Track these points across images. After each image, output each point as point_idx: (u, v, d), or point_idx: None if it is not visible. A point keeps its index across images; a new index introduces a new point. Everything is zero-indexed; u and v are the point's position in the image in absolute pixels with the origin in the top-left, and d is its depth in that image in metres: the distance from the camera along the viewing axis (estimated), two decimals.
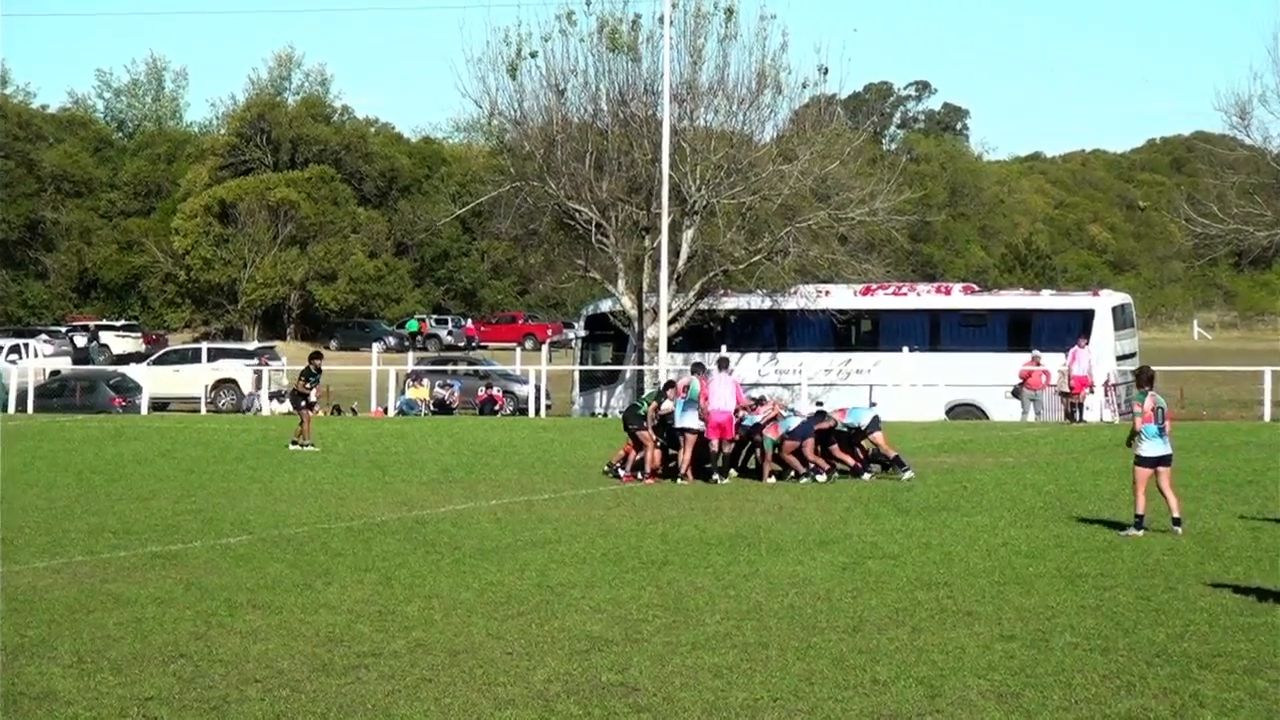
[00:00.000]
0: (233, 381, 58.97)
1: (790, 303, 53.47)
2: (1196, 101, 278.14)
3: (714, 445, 31.51)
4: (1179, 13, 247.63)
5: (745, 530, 24.62)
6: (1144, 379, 24.45)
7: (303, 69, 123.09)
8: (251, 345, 70.98)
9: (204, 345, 64.25)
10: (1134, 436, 23.90)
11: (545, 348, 64.79)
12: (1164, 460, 23.74)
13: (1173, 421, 25.15)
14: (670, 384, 33.94)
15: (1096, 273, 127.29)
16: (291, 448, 38.82)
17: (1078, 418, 47.07)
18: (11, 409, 53.69)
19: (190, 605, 18.42)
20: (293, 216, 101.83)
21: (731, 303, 54.89)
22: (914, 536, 23.62)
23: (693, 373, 32.66)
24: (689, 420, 31.35)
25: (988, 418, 48.36)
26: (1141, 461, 23.62)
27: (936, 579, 19.96)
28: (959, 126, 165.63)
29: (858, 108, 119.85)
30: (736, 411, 32.11)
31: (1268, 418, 47.88)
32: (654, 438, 32.18)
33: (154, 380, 57.38)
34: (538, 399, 55.30)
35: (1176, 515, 23.63)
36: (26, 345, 63.77)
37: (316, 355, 42.30)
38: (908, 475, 30.85)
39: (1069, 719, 13.30)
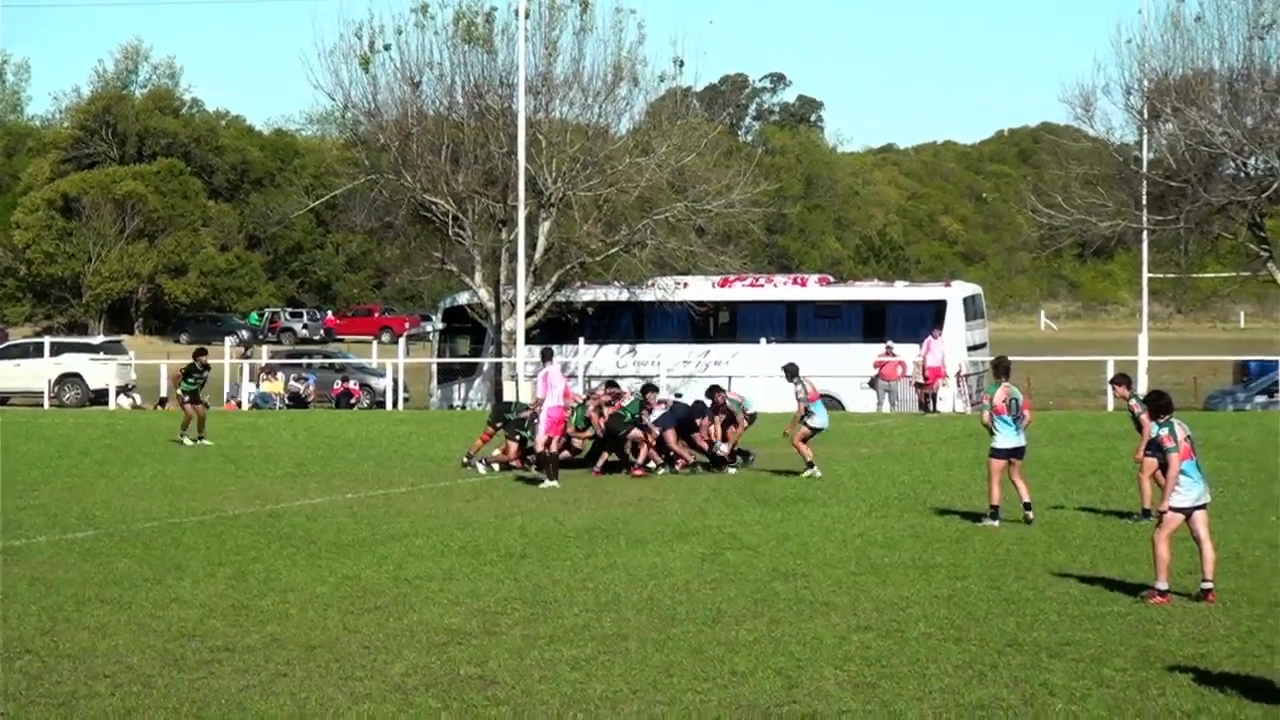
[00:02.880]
0: (77, 376, 58.15)
1: (648, 295, 53.64)
2: (1044, 93, 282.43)
3: (549, 445, 30.26)
4: (1028, 5, 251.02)
5: (604, 522, 24.66)
6: (1000, 370, 24.75)
7: (150, 61, 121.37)
8: (97, 339, 69.95)
9: (46, 339, 63.19)
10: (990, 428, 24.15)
11: (402, 341, 64.46)
12: (1017, 452, 24.05)
13: (1032, 412, 25.50)
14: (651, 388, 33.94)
15: (948, 264, 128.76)
16: (188, 443, 38.20)
17: (931, 408, 47.63)
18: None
19: (35, 601, 18.16)
20: (140, 210, 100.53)
21: (589, 295, 54.96)
22: (772, 528, 23.80)
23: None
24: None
25: (844, 408, 48.80)
26: (996, 453, 23.91)
27: (794, 570, 20.12)
28: (813, 118, 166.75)
29: (713, 100, 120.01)
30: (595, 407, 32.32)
31: (1110, 407, 48.71)
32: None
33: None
34: (395, 392, 55.04)
35: (1027, 500, 23.99)
36: None
37: (201, 352, 41.49)
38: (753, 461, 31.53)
39: (923, 709, 13.45)
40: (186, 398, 39.12)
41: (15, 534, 23.61)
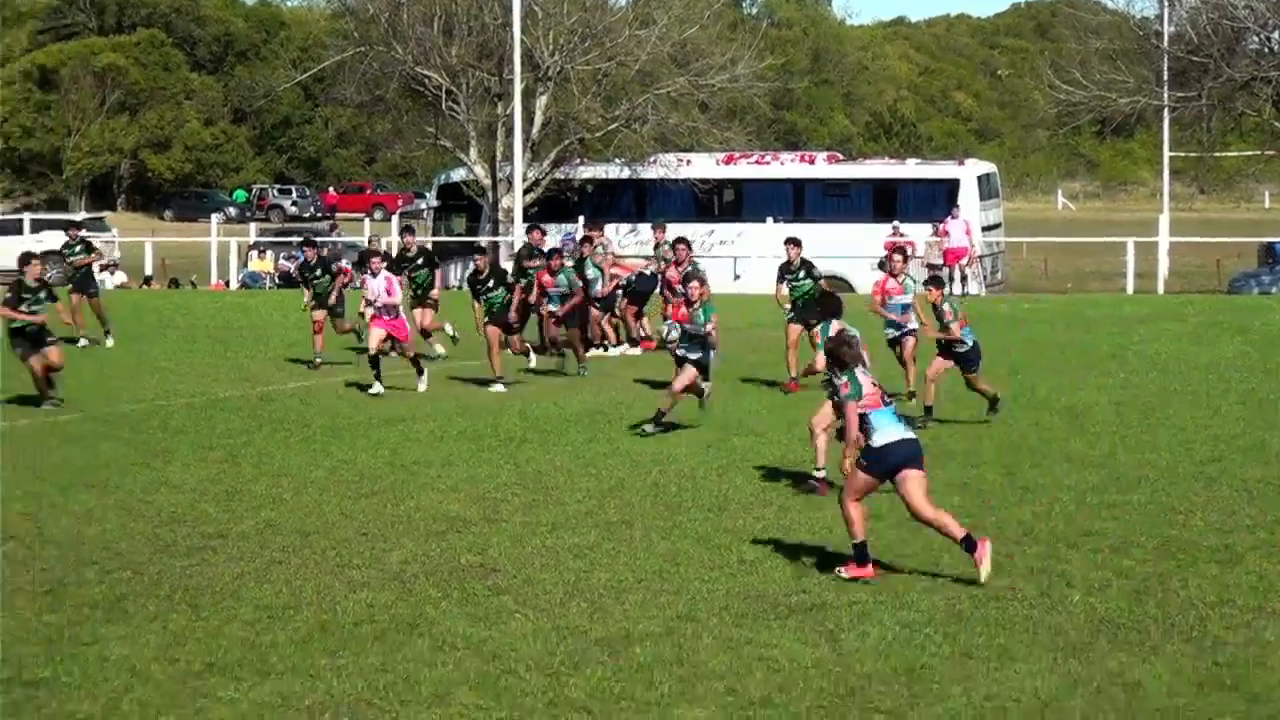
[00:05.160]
0: (58, 254, 57.97)
1: (650, 172, 53.34)
2: None
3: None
4: None
5: (605, 406, 24.65)
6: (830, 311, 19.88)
7: None
8: (79, 216, 69.73)
9: (26, 216, 62.93)
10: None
11: (395, 219, 64.22)
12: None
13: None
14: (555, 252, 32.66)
15: (962, 141, 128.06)
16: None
17: (965, 289, 47.46)
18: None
19: (19, 485, 18.21)
20: (121, 83, 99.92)
21: (589, 172, 54.69)
22: (778, 413, 23.76)
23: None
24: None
25: (853, 290, 48.68)
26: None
27: (802, 457, 20.09)
28: None
29: None
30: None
31: (1130, 290, 48.63)
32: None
33: None
34: None
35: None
36: None
37: (73, 225, 40.02)
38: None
39: (935, 600, 13.48)
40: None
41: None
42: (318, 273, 30.83)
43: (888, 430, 14.33)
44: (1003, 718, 10.72)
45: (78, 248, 35.19)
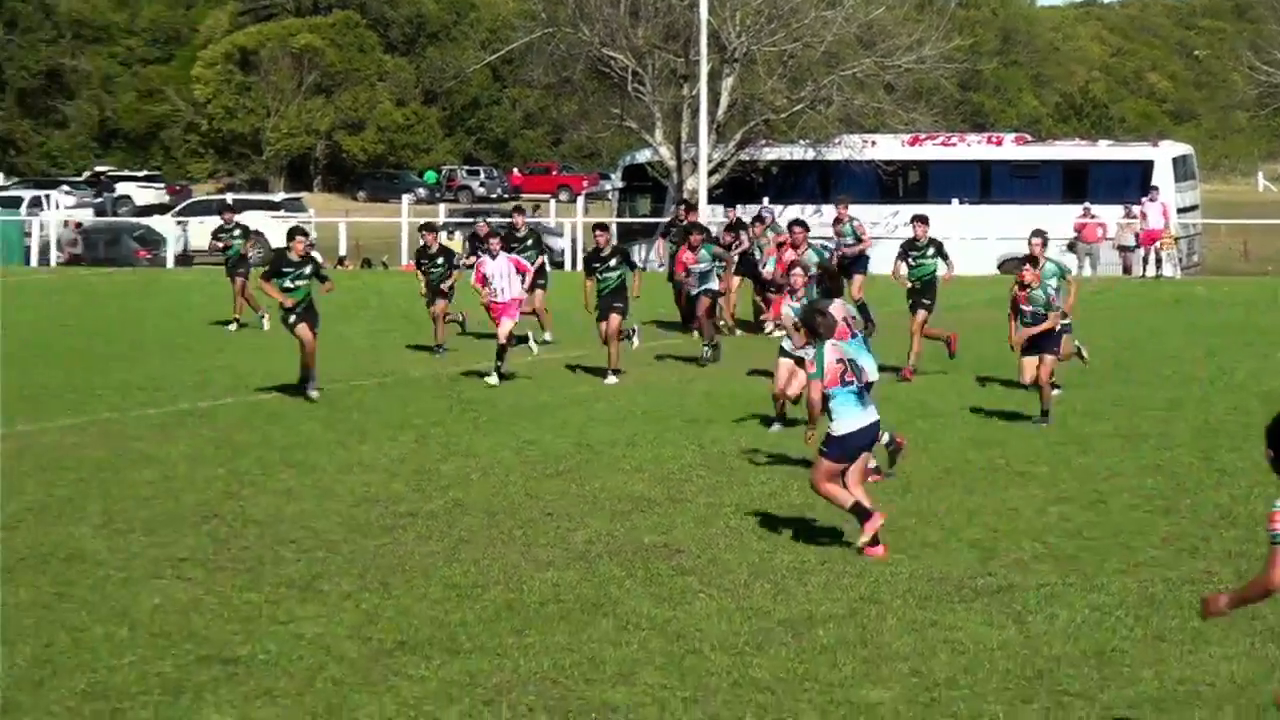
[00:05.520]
0: (259, 234, 58.94)
1: (835, 153, 53.11)
2: None
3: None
4: None
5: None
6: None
7: None
8: (278, 197, 70.89)
9: (229, 196, 64.10)
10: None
11: (581, 199, 64.52)
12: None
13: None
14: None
15: (1156, 122, 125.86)
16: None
17: (1154, 272, 46.76)
18: (34, 262, 53.79)
19: (222, 464, 18.54)
20: (317, 64, 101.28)
21: (773, 153, 54.55)
22: (964, 395, 23.53)
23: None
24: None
25: None
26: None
27: (988, 438, 19.91)
28: None
29: None
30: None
31: None
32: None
33: (179, 234, 57.43)
34: (573, 252, 55.12)
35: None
36: (48, 197, 63.68)
37: (227, 208, 39.47)
38: None
39: (1127, 582, 13.27)
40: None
41: (204, 395, 24.10)
42: (438, 261, 30.13)
43: (848, 417, 14.28)
44: (1195, 701, 10.50)
45: (235, 231, 35.10)
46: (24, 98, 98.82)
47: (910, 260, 26.15)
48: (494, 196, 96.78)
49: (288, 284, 23.08)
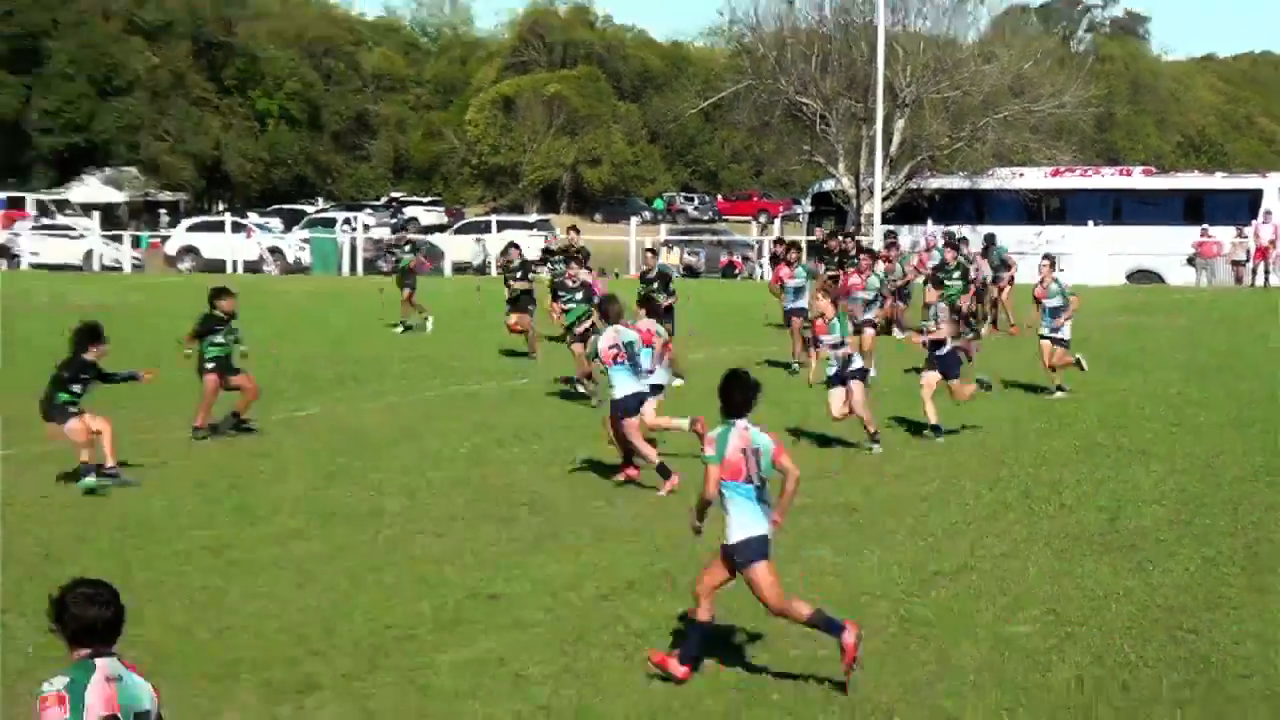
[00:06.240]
0: (517, 246, 59.42)
1: (988, 183, 52.40)
2: None
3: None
4: None
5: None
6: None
7: None
8: (531, 218, 71.52)
9: (493, 218, 64.80)
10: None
11: (777, 221, 64.29)
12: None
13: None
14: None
15: (1266, 161, 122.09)
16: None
17: (1263, 282, 45.67)
18: (345, 271, 54.82)
19: (467, 439, 18.35)
20: (564, 109, 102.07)
21: (936, 183, 53.90)
22: (1096, 386, 22.97)
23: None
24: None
25: (1164, 282, 47.01)
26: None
27: (1115, 422, 19.47)
28: (1140, 31, 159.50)
29: (1049, 15, 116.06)
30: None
31: None
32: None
33: (455, 247, 58.19)
34: (760, 264, 54.96)
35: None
36: (355, 218, 64.90)
37: (403, 226, 37.17)
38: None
39: (1235, 544, 12.92)
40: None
41: (472, 379, 24.19)
42: (518, 275, 27.09)
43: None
44: None
45: (406, 248, 33.24)
46: (337, 137, 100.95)
47: (940, 282, 24.90)
48: (705, 219, 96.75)
49: (218, 340, 18.16)
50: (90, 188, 78.80)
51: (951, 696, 9.37)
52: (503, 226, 61.79)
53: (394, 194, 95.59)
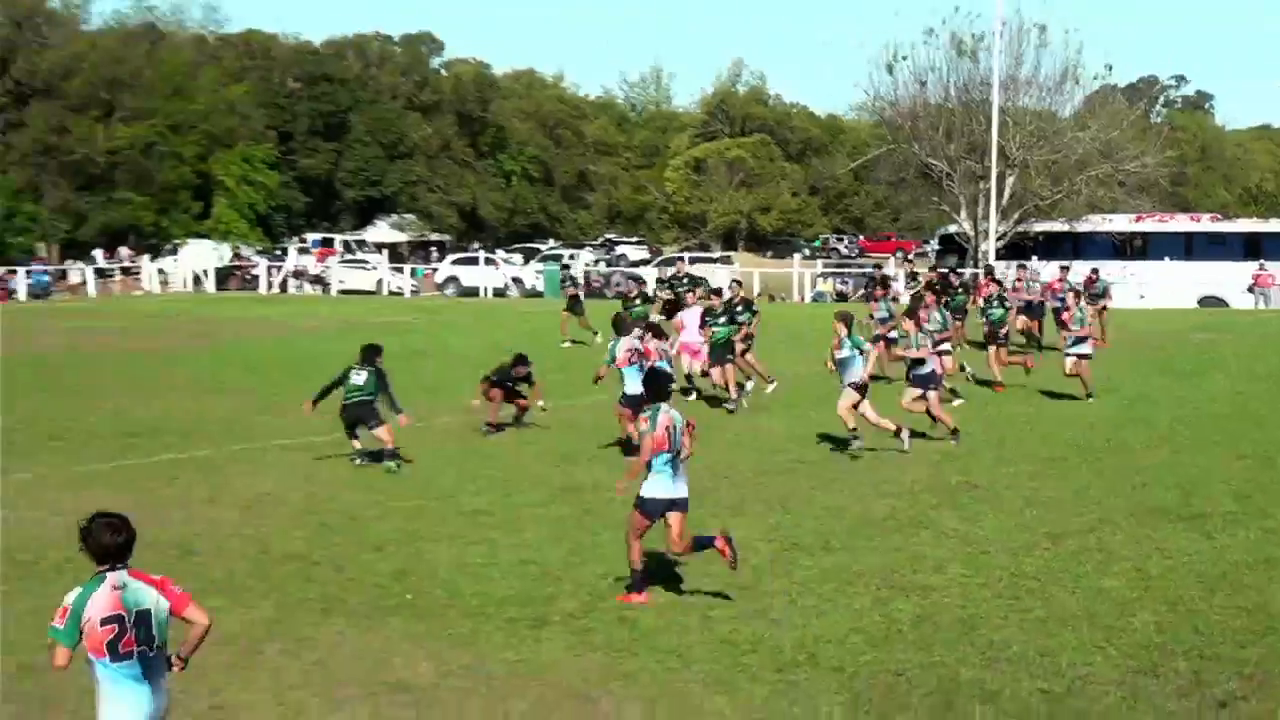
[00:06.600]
0: (702, 280, 59.43)
1: (1083, 226, 51.20)
2: None
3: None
4: None
5: (1037, 381, 23.27)
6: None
7: (749, 69, 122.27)
8: (716, 255, 71.57)
9: (685, 255, 64.95)
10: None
11: (912, 256, 63.34)
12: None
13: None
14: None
15: None
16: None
17: None
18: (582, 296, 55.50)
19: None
20: (742, 169, 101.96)
21: (1040, 227, 52.80)
22: (1171, 391, 22.28)
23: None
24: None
25: (1228, 306, 45.35)
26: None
27: (1188, 418, 18.87)
28: (1207, 106, 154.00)
29: (1133, 93, 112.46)
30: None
31: None
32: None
33: (654, 278, 58.50)
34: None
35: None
36: (577, 254, 65.61)
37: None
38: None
39: None
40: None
41: None
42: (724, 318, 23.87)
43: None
44: None
45: (568, 282, 31.78)
46: (565, 190, 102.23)
47: (988, 309, 23.49)
48: (852, 255, 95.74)
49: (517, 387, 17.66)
50: (381, 230, 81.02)
51: (1054, 636, 9.24)
52: (693, 261, 61.88)
53: (608, 235, 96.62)
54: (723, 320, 19.93)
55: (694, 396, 20.28)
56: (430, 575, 10.72)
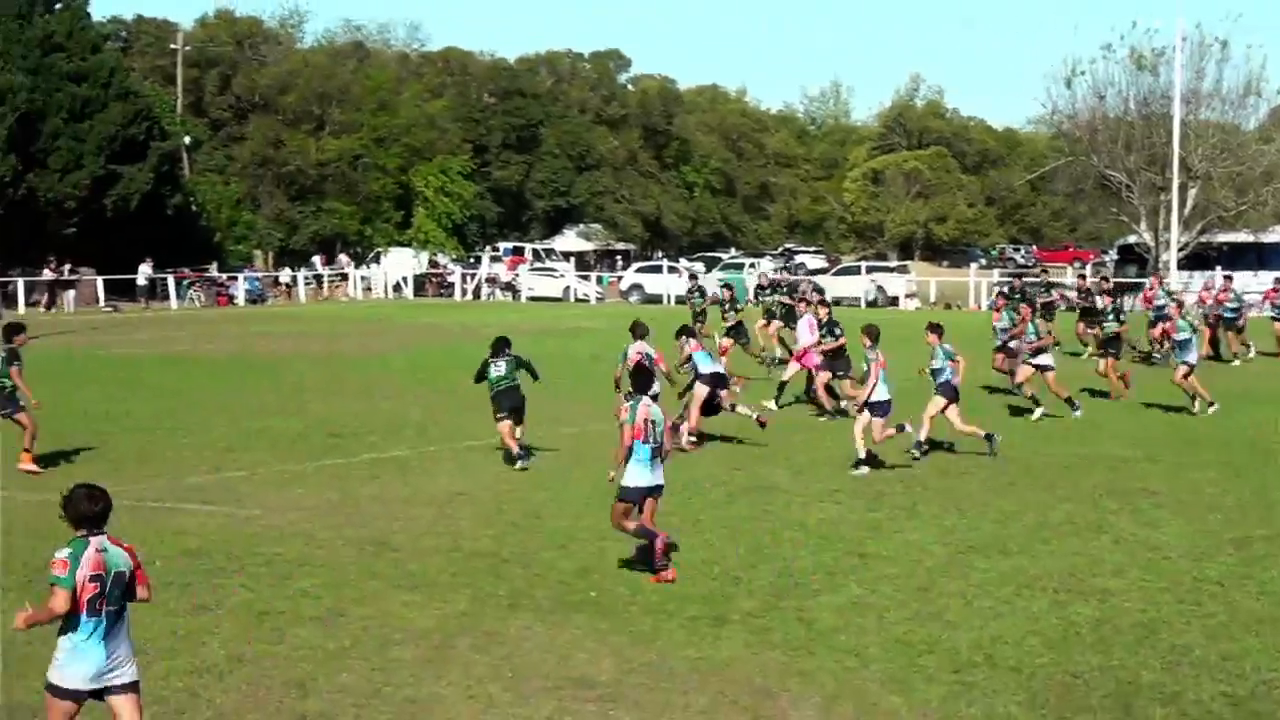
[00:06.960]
0: (881, 287, 58.80)
1: (1268, 237, 48.93)
2: None
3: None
4: None
5: (1217, 390, 22.25)
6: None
7: (926, 83, 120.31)
8: (893, 264, 70.61)
9: (863, 264, 64.33)
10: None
11: (1089, 267, 61.44)
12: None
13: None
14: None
15: None
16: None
17: None
18: (752, 300, 55.60)
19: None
20: (919, 180, 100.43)
21: (1222, 237, 50.66)
22: (1230, 417, 21.00)
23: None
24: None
25: None
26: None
27: (1246, 439, 17.83)
28: None
29: None
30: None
31: None
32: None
33: (832, 285, 58.02)
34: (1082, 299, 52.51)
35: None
36: (757, 262, 65.65)
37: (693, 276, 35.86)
38: None
39: None
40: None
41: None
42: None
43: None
44: None
45: (696, 294, 30.64)
46: (746, 201, 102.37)
47: (1095, 322, 22.37)
48: (1030, 265, 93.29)
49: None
50: (569, 239, 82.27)
51: (1238, 640, 8.95)
52: (871, 270, 61.24)
53: (787, 245, 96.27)
54: (829, 332, 19.42)
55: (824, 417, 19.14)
56: (613, 573, 10.69)
